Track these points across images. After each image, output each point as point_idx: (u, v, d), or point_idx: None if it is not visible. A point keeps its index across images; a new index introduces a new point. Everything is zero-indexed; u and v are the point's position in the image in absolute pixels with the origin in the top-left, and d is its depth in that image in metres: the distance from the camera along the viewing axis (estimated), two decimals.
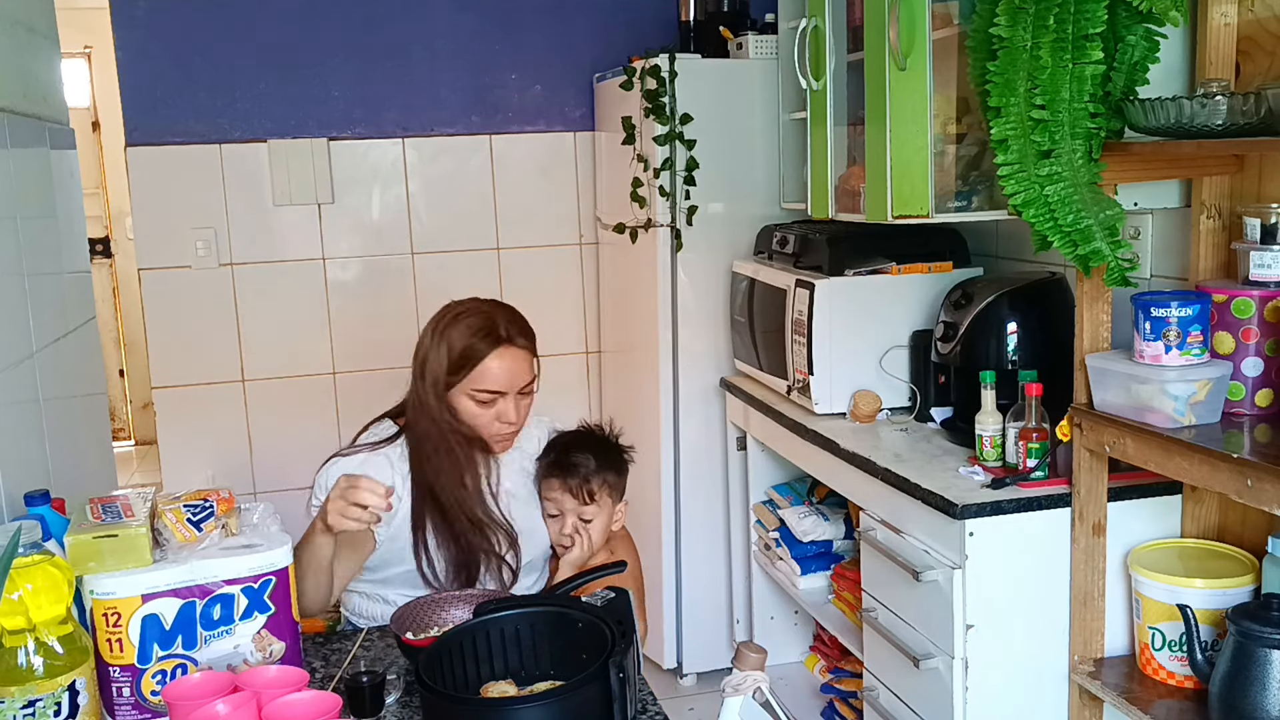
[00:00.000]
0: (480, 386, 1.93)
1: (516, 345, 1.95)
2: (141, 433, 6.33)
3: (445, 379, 1.95)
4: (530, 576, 2.07)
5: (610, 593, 1.60)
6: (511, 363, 1.94)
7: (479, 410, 1.95)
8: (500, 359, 1.94)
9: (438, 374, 1.95)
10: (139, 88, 3.37)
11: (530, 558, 2.04)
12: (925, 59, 2.32)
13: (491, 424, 1.96)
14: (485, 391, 1.94)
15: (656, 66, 3.11)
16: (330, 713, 1.32)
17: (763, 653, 1.28)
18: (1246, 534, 2.03)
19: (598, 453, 2.05)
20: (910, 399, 2.67)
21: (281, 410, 3.54)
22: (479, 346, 1.93)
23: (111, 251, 6.21)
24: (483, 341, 1.93)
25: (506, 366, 1.94)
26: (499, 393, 1.94)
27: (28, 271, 2.03)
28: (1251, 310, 1.80)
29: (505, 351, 1.94)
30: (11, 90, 2.07)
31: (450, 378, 1.94)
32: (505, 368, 1.94)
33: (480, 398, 1.94)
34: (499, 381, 1.94)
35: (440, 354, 1.95)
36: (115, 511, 1.53)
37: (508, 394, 1.95)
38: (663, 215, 3.19)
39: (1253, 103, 1.63)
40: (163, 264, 3.44)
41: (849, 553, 2.89)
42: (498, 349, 1.93)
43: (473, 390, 1.94)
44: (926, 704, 2.18)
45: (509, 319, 1.98)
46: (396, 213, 3.61)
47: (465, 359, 1.93)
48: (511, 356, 1.95)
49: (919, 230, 2.63)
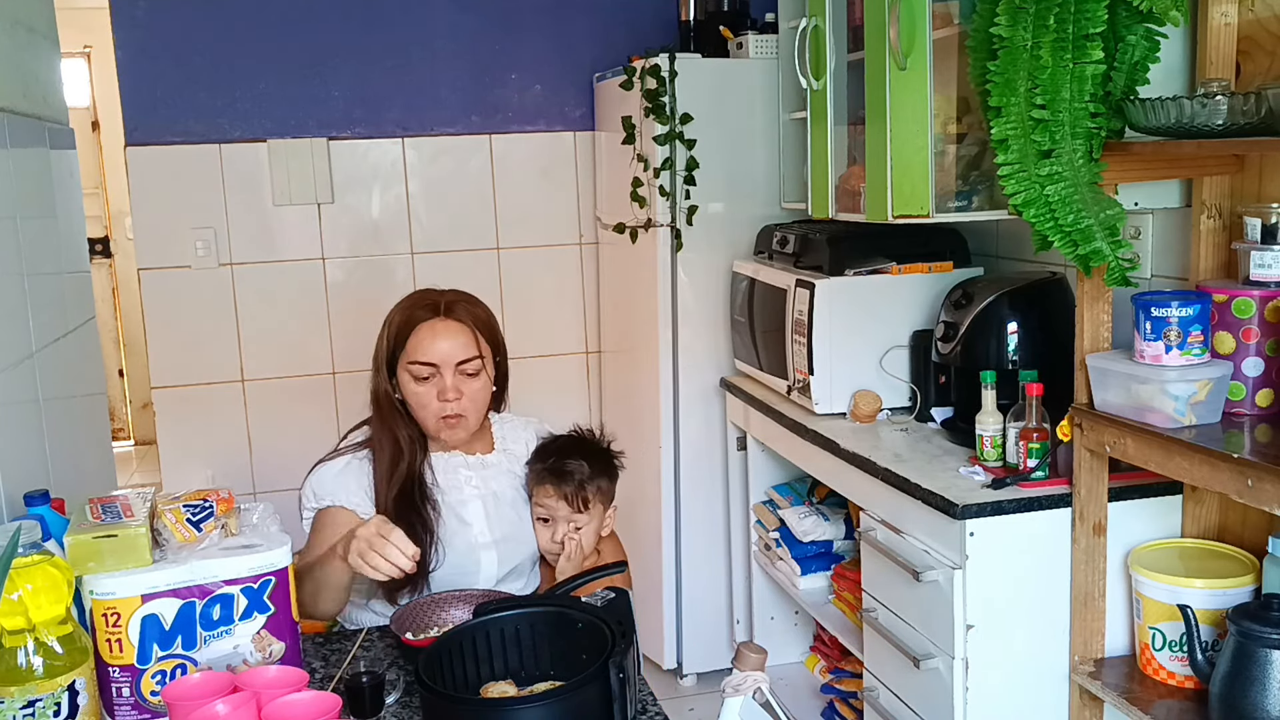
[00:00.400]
0: (415, 358, 1.95)
1: (453, 318, 1.97)
2: (141, 433, 6.33)
3: (387, 356, 1.98)
4: (518, 581, 2.05)
5: (610, 593, 1.60)
6: (446, 334, 1.95)
7: (419, 388, 1.96)
8: (433, 329, 1.95)
9: (381, 352, 2.00)
10: (139, 88, 3.37)
11: (517, 562, 2.03)
12: (925, 59, 2.32)
13: (433, 403, 1.95)
14: (420, 364, 1.94)
15: (656, 66, 3.11)
16: (330, 713, 1.32)
17: (763, 653, 1.28)
18: (1247, 534, 2.03)
19: (591, 459, 2.04)
20: (910, 399, 2.67)
21: (281, 410, 3.54)
22: (414, 316, 1.97)
23: (111, 251, 6.21)
24: (420, 312, 1.97)
25: (440, 337, 1.94)
26: (432, 365, 1.94)
27: (28, 271, 2.03)
28: (1252, 310, 1.80)
29: (439, 323, 1.95)
30: (11, 90, 2.07)
31: (391, 355, 1.98)
32: (439, 338, 1.94)
33: (416, 371, 1.95)
34: (432, 353, 1.94)
35: (384, 331, 2.00)
36: (115, 511, 1.53)
37: (442, 368, 1.94)
38: (663, 215, 3.19)
39: (1253, 103, 1.63)
40: (162, 264, 3.44)
41: (849, 553, 2.88)
42: (431, 320, 1.96)
43: (409, 364, 1.95)
44: (926, 704, 2.18)
45: (455, 297, 2.01)
46: (396, 213, 3.61)
47: (401, 331, 1.97)
48: (445, 328, 1.95)
49: (919, 230, 2.63)
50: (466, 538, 1.99)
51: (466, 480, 2.02)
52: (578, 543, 2.00)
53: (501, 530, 2.02)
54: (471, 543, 1.99)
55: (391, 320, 2.00)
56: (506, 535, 2.02)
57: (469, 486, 2.02)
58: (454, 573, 1.97)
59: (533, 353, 3.74)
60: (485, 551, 2.00)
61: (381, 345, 2.00)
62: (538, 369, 3.75)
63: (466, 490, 2.02)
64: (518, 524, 2.04)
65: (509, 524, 2.03)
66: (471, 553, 1.98)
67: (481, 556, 1.99)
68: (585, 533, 2.01)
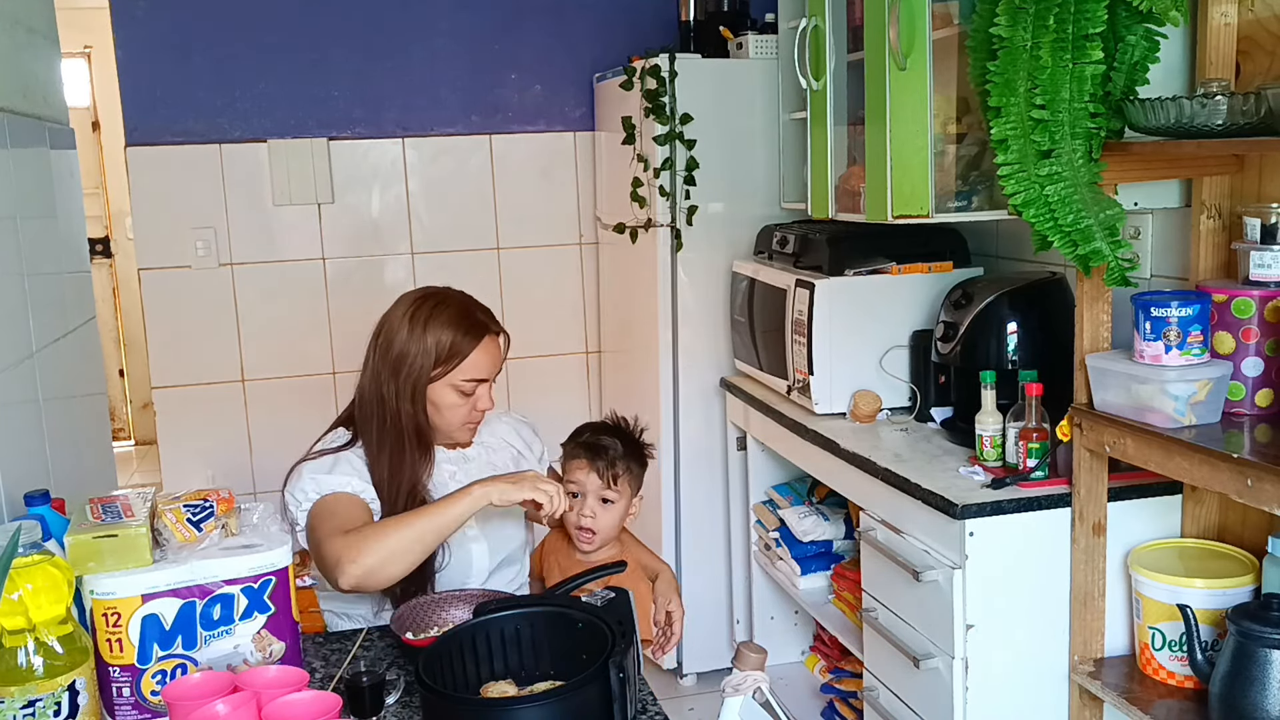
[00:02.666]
0: (469, 376, 1.97)
1: (492, 331, 2.01)
2: (141, 433, 6.33)
3: (430, 373, 1.96)
4: (511, 569, 2.08)
5: (610, 593, 1.60)
6: (494, 349, 2.00)
7: (460, 401, 1.98)
8: (485, 348, 1.98)
9: (421, 368, 1.95)
10: (139, 88, 3.37)
11: (507, 552, 2.07)
12: (925, 59, 2.32)
13: (469, 413, 2.00)
14: (473, 381, 1.97)
15: (656, 66, 3.11)
16: (330, 713, 1.32)
17: (763, 653, 1.28)
18: (1246, 534, 2.03)
19: (624, 441, 2.11)
20: (910, 399, 2.67)
21: (281, 410, 3.54)
22: (466, 337, 1.97)
23: (111, 251, 6.21)
24: (469, 332, 1.97)
25: (490, 354, 1.99)
26: (484, 380, 1.99)
27: (28, 271, 2.03)
28: (1251, 310, 1.80)
29: (491, 341, 1.99)
30: (11, 90, 2.07)
31: (436, 370, 1.96)
32: (490, 355, 1.99)
33: (466, 388, 1.97)
34: (484, 369, 1.98)
35: (424, 348, 1.96)
36: (115, 511, 1.53)
37: (489, 380, 2.00)
38: (663, 215, 3.19)
39: (1253, 103, 1.63)
40: (163, 264, 3.45)
41: (849, 553, 2.89)
42: (484, 338, 1.98)
43: (461, 380, 1.96)
44: (926, 704, 2.18)
45: (477, 306, 2.04)
46: (396, 213, 3.61)
47: (455, 352, 1.95)
48: (493, 344, 2.00)
49: (919, 230, 2.63)
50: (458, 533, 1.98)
51: (451, 476, 2.04)
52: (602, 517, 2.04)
53: (487, 522, 2.04)
54: (461, 536, 1.99)
55: (437, 339, 1.94)
56: (493, 527, 2.05)
57: (453, 482, 2.02)
58: (449, 570, 1.98)
59: (533, 353, 3.74)
60: (475, 544, 2.03)
61: (417, 365, 1.94)
62: (538, 369, 3.75)
63: (451, 486, 2.01)
64: (503, 514, 2.06)
65: (493, 515, 2.05)
66: (463, 546, 2.00)
67: (473, 549, 2.02)
68: (612, 510, 2.05)
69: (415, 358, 1.95)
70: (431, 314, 1.97)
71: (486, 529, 2.05)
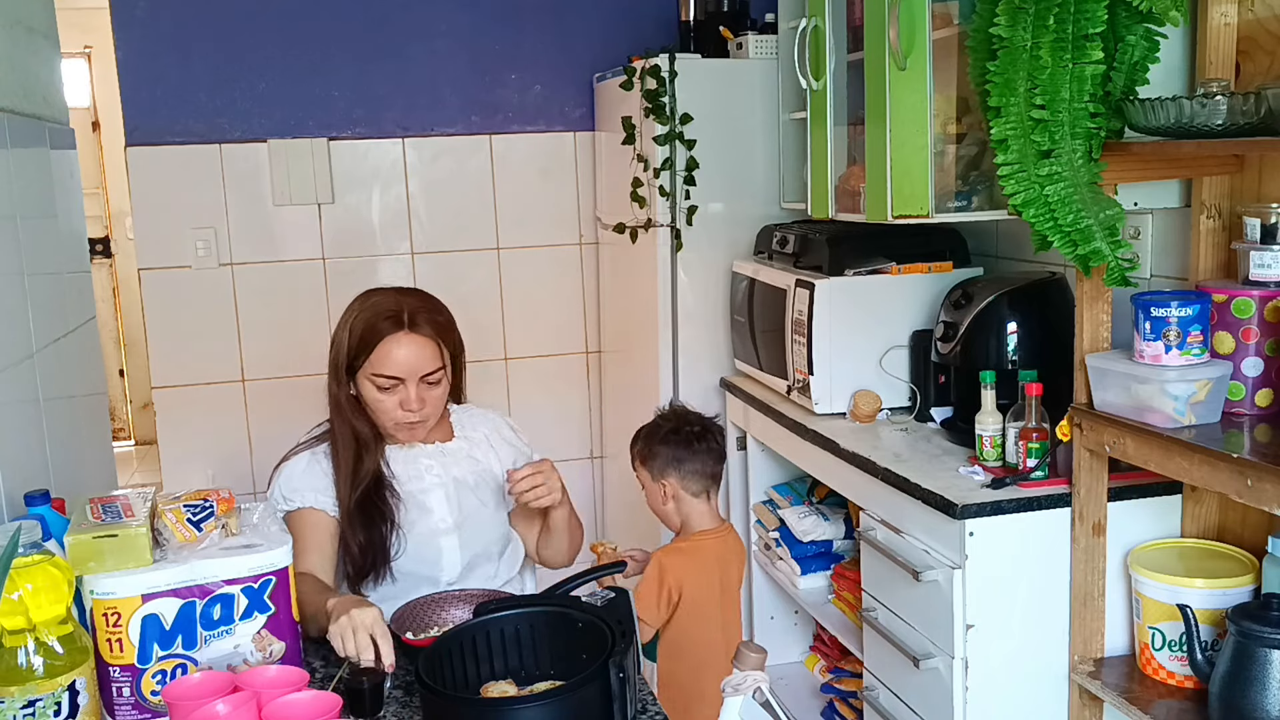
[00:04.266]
0: (379, 371, 1.93)
1: (419, 332, 1.94)
2: (141, 433, 6.33)
3: (347, 361, 1.96)
4: (488, 567, 2.07)
5: (610, 593, 1.60)
6: (411, 349, 1.93)
7: (381, 396, 1.95)
8: (399, 344, 1.93)
9: (340, 356, 1.97)
10: (139, 88, 3.37)
11: (479, 549, 2.05)
12: (925, 59, 2.32)
13: (394, 411, 1.96)
14: (384, 377, 1.94)
15: (656, 66, 3.11)
16: (330, 713, 1.32)
17: (763, 653, 1.28)
18: (1246, 534, 2.03)
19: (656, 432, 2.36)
20: (910, 399, 2.67)
21: (281, 410, 3.53)
22: (379, 329, 1.94)
23: (111, 251, 6.21)
24: (383, 324, 1.94)
25: (406, 352, 1.93)
26: (397, 379, 1.94)
27: (28, 271, 2.03)
28: (1251, 310, 1.80)
29: (405, 337, 1.93)
30: (11, 90, 2.07)
31: (352, 361, 1.96)
32: (405, 353, 1.93)
33: (380, 383, 1.94)
34: (398, 367, 1.93)
35: (344, 337, 1.97)
36: (115, 511, 1.53)
37: (407, 381, 1.94)
38: (663, 215, 3.19)
39: (1253, 103, 1.63)
40: (163, 264, 3.45)
41: (849, 553, 2.89)
42: (397, 333, 1.93)
43: (373, 375, 1.94)
44: (926, 704, 2.18)
45: (417, 306, 1.98)
46: (396, 213, 3.61)
47: (365, 342, 1.94)
48: (411, 343, 1.93)
49: (919, 230, 2.63)
50: (428, 524, 2.01)
51: (427, 469, 2.04)
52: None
53: (462, 515, 2.04)
54: (433, 529, 2.01)
55: (352, 328, 1.97)
56: (466, 520, 2.04)
57: (430, 475, 2.03)
58: (415, 561, 1.99)
59: (533, 353, 3.74)
60: (446, 538, 2.02)
61: (340, 350, 1.98)
62: (538, 369, 3.75)
63: (428, 479, 2.03)
64: (479, 509, 2.06)
65: (470, 509, 2.05)
66: (433, 539, 2.00)
67: (442, 543, 2.01)
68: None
69: (338, 346, 1.99)
70: (361, 305, 2.00)
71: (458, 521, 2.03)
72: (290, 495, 1.98)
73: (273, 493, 2.00)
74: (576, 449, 3.84)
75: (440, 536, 2.02)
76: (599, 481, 3.90)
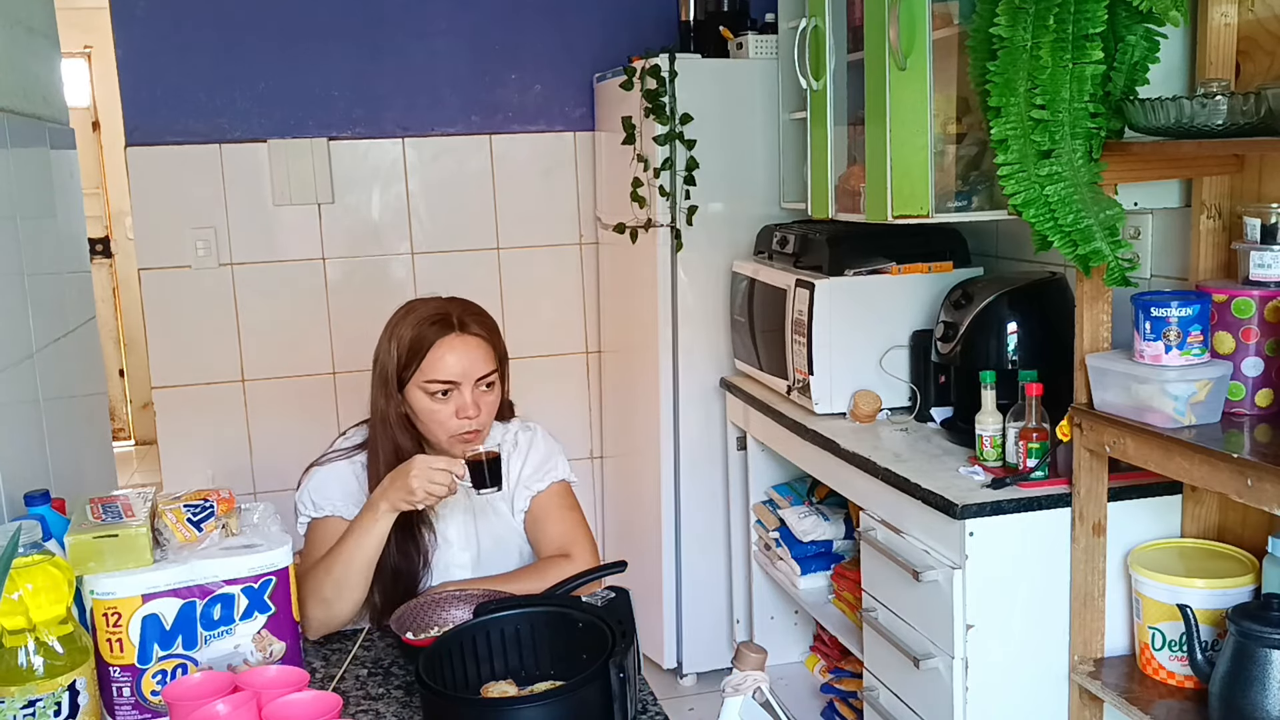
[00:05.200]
0: (432, 377, 1.86)
1: (469, 333, 1.88)
2: (141, 433, 6.33)
3: (397, 374, 1.89)
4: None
5: (610, 593, 1.60)
6: (464, 350, 1.87)
7: (435, 406, 1.88)
8: (451, 346, 1.86)
9: (389, 370, 1.90)
10: (139, 88, 3.37)
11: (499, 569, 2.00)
12: (925, 59, 2.32)
13: (450, 420, 1.88)
14: (438, 382, 1.86)
15: (656, 66, 3.11)
16: (330, 713, 1.32)
17: (763, 653, 1.28)
18: (1246, 534, 2.03)
19: None
20: (910, 399, 2.67)
21: (281, 410, 3.54)
22: (428, 334, 1.87)
23: (111, 251, 6.21)
24: (432, 329, 1.88)
25: (459, 354, 1.86)
26: (452, 383, 1.86)
27: (28, 271, 2.03)
28: (1251, 310, 1.80)
29: (456, 339, 1.87)
30: (11, 90, 2.07)
31: (403, 372, 1.89)
32: (458, 356, 1.86)
33: (433, 389, 1.87)
34: (451, 370, 1.86)
35: (391, 348, 1.90)
36: (115, 511, 1.53)
37: (462, 385, 1.87)
38: (663, 215, 3.19)
39: (1253, 103, 1.63)
40: (163, 264, 3.44)
41: (849, 553, 2.89)
42: (447, 335, 1.87)
43: (425, 382, 1.86)
44: (926, 704, 2.18)
45: (463, 309, 1.92)
46: (396, 213, 3.61)
47: (415, 349, 1.87)
48: (464, 344, 1.87)
49: (919, 230, 2.63)
50: (445, 555, 1.97)
51: None
52: None
53: (479, 550, 1.99)
54: (449, 561, 1.97)
55: (399, 337, 1.89)
56: (484, 557, 1.99)
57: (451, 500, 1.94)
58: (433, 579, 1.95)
59: (533, 353, 3.74)
60: (460, 571, 1.98)
61: (389, 363, 1.90)
62: (538, 369, 3.75)
63: (449, 503, 1.95)
64: (497, 541, 2.01)
65: (487, 541, 2.00)
66: (446, 571, 1.96)
67: (456, 575, 1.97)
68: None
69: (385, 360, 1.91)
70: (405, 315, 1.93)
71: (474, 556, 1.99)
72: (320, 502, 1.94)
73: (301, 494, 1.96)
74: (576, 449, 3.84)
75: (454, 569, 1.97)
76: (599, 481, 3.90)
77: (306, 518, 1.94)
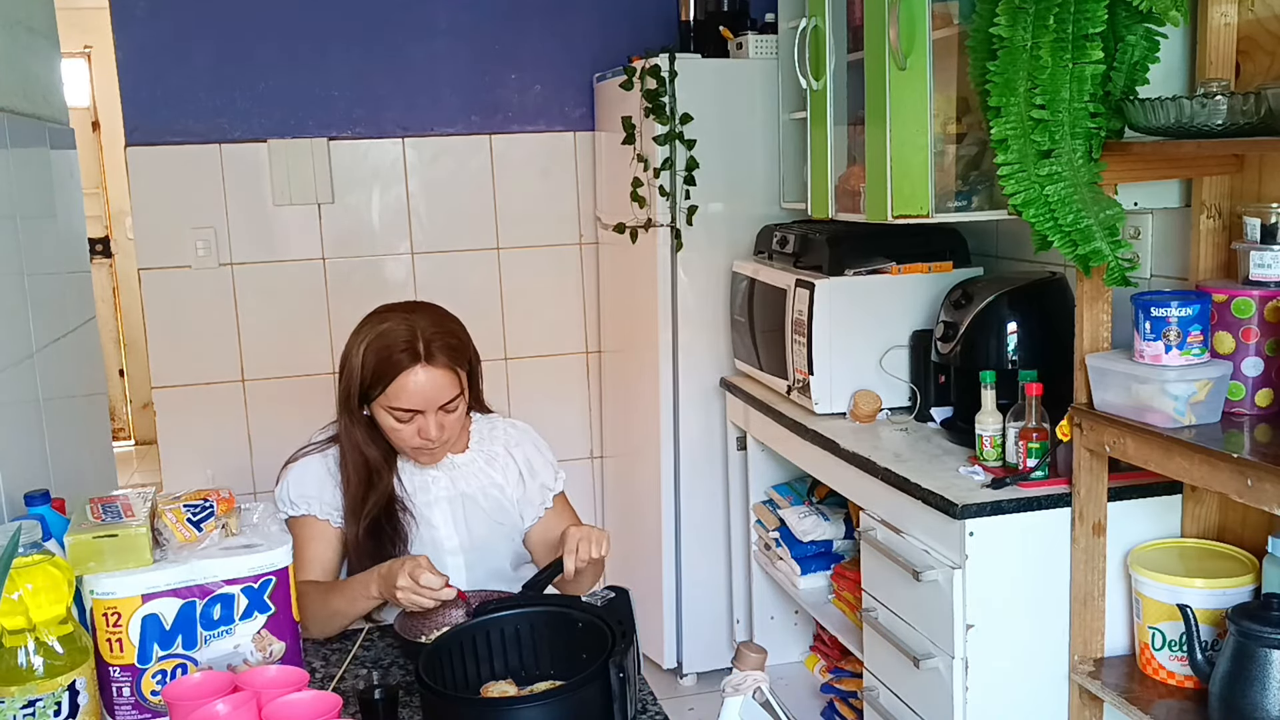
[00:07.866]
0: (395, 405, 1.88)
1: (435, 364, 1.88)
2: (141, 433, 6.33)
3: (362, 392, 1.92)
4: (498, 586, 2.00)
5: (610, 593, 1.60)
6: (428, 381, 1.87)
7: (398, 426, 1.90)
8: (416, 378, 1.87)
9: (353, 385, 1.92)
10: (139, 88, 3.37)
11: (491, 569, 2.01)
12: (925, 59, 2.32)
13: (412, 439, 1.91)
14: (401, 410, 1.88)
15: (656, 66, 3.11)
16: (330, 713, 1.32)
17: (763, 653, 1.28)
18: (1246, 534, 2.03)
19: None
20: (910, 399, 2.67)
21: (281, 410, 3.54)
22: (395, 361, 1.87)
23: (111, 251, 6.21)
24: (400, 356, 1.87)
25: (423, 385, 1.87)
26: (416, 411, 1.89)
27: (28, 271, 2.03)
28: (1251, 310, 1.80)
29: (422, 370, 1.87)
30: (11, 90, 2.06)
31: (368, 391, 1.91)
32: (422, 386, 1.87)
33: (398, 415, 1.89)
34: (414, 401, 1.87)
35: (356, 364, 1.92)
36: (115, 511, 1.53)
37: (426, 413, 1.89)
38: (663, 215, 3.19)
39: (1253, 103, 1.63)
40: (163, 264, 3.44)
41: (849, 553, 2.89)
42: (414, 367, 1.86)
43: (389, 406, 1.89)
44: (926, 704, 2.18)
45: (433, 333, 1.90)
46: (396, 213, 3.61)
47: (380, 375, 1.88)
48: (428, 376, 1.87)
49: (919, 230, 2.63)
50: (433, 540, 1.97)
51: (433, 480, 1.99)
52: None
53: (470, 536, 2.00)
54: (438, 547, 1.97)
55: (364, 361, 1.90)
56: (476, 543, 2.00)
57: (436, 487, 1.99)
58: None
59: (533, 353, 3.74)
60: (452, 557, 1.98)
61: (353, 379, 1.92)
62: (538, 369, 3.75)
63: (433, 491, 1.99)
64: (489, 531, 2.01)
65: (479, 532, 2.00)
66: (438, 558, 1.94)
67: (448, 561, 1.97)
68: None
69: (349, 373, 1.94)
70: (372, 334, 1.92)
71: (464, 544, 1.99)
72: (297, 500, 1.96)
73: (280, 492, 1.99)
74: (576, 449, 3.84)
75: (445, 555, 1.97)
76: (599, 481, 3.90)
77: (285, 515, 1.94)
